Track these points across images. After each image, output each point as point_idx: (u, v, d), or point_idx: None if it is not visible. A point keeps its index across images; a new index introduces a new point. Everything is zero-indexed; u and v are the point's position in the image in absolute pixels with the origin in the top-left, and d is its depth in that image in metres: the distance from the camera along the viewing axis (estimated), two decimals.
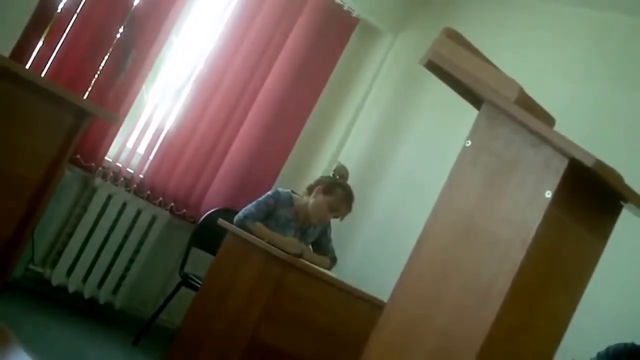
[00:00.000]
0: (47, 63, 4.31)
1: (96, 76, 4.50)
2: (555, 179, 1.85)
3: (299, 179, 5.30)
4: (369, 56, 5.68)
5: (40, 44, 4.27)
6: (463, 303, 1.91)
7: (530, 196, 1.88)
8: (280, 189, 4.55)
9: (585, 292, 2.06)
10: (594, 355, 3.38)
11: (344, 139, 5.56)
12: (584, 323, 2.27)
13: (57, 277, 4.61)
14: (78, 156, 4.48)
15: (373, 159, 5.39)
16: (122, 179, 4.76)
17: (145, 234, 4.88)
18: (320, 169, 5.38)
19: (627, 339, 3.39)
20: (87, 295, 4.72)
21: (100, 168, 4.64)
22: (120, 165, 4.75)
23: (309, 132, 5.54)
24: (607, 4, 4.57)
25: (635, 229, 2.37)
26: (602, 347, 3.39)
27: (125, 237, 4.79)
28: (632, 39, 4.50)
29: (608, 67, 4.53)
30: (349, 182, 4.53)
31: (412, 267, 2.06)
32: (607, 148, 3.71)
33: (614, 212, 2.05)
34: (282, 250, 3.82)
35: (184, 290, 4.54)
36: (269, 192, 4.51)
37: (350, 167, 5.26)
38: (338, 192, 4.41)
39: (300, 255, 4.03)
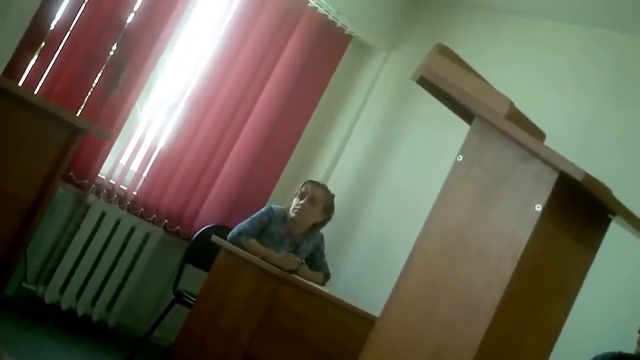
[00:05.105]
0: (40, 80, 4.32)
1: (89, 93, 4.51)
2: (545, 193, 1.87)
3: (292, 196, 5.30)
4: (362, 73, 5.70)
5: (33, 60, 4.29)
6: (455, 316, 1.92)
7: (521, 210, 1.90)
8: (273, 206, 4.56)
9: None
10: None
11: (338, 155, 5.57)
12: (571, 333, 2.28)
13: (50, 294, 4.60)
14: (71, 173, 4.48)
15: (366, 175, 5.41)
16: (115, 196, 4.75)
17: (139, 251, 4.87)
18: None
19: (614, 349, 3.41)
20: (80, 313, 4.71)
21: (93, 185, 4.64)
22: (113, 182, 4.74)
23: (303, 149, 5.56)
24: (597, 21, 4.60)
25: (621, 241, 2.39)
26: (589, 357, 3.41)
27: (119, 254, 4.78)
28: (622, 55, 4.54)
29: (599, 83, 4.56)
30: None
31: (404, 281, 2.07)
32: (599, 162, 3.76)
33: (603, 225, 2.07)
34: (278, 267, 3.82)
35: (177, 307, 4.52)
36: (263, 209, 4.53)
37: (344, 182, 5.29)
38: (303, 184, 4.53)
39: (295, 271, 4.03)
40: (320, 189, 4.51)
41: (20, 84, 4.19)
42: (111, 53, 4.54)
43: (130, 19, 4.56)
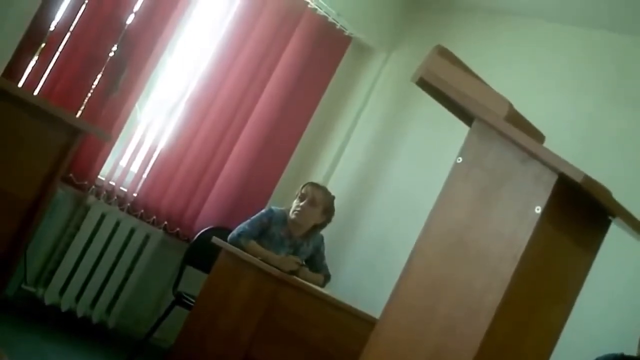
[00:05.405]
0: (40, 81, 4.31)
1: (89, 94, 4.51)
2: (544, 195, 1.87)
3: (292, 197, 5.30)
4: (362, 74, 5.70)
5: (33, 61, 4.28)
6: (455, 317, 1.91)
7: (521, 211, 1.89)
8: (274, 207, 4.56)
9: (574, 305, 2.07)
10: None
11: (338, 156, 5.57)
12: (572, 335, 2.28)
13: (50, 296, 4.59)
14: (71, 174, 4.48)
15: (366, 176, 5.41)
16: (115, 197, 4.75)
17: (139, 253, 4.87)
18: None
19: (615, 351, 3.41)
20: (80, 315, 4.71)
21: (93, 186, 4.64)
22: (113, 184, 4.74)
23: (303, 150, 5.56)
24: (597, 22, 4.60)
25: (622, 243, 2.39)
26: (589, 359, 3.41)
27: (119, 255, 4.78)
28: (622, 56, 4.53)
29: (599, 84, 4.55)
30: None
31: (404, 282, 2.06)
32: (598, 163, 3.75)
33: (603, 227, 2.06)
34: (278, 269, 3.82)
35: (177, 309, 4.52)
36: (263, 210, 4.52)
37: (344, 184, 5.29)
38: (303, 186, 4.52)
39: (296, 272, 4.03)
40: (320, 191, 4.50)
41: (20, 84, 4.19)
42: (111, 54, 4.54)
43: (130, 19, 4.56)
